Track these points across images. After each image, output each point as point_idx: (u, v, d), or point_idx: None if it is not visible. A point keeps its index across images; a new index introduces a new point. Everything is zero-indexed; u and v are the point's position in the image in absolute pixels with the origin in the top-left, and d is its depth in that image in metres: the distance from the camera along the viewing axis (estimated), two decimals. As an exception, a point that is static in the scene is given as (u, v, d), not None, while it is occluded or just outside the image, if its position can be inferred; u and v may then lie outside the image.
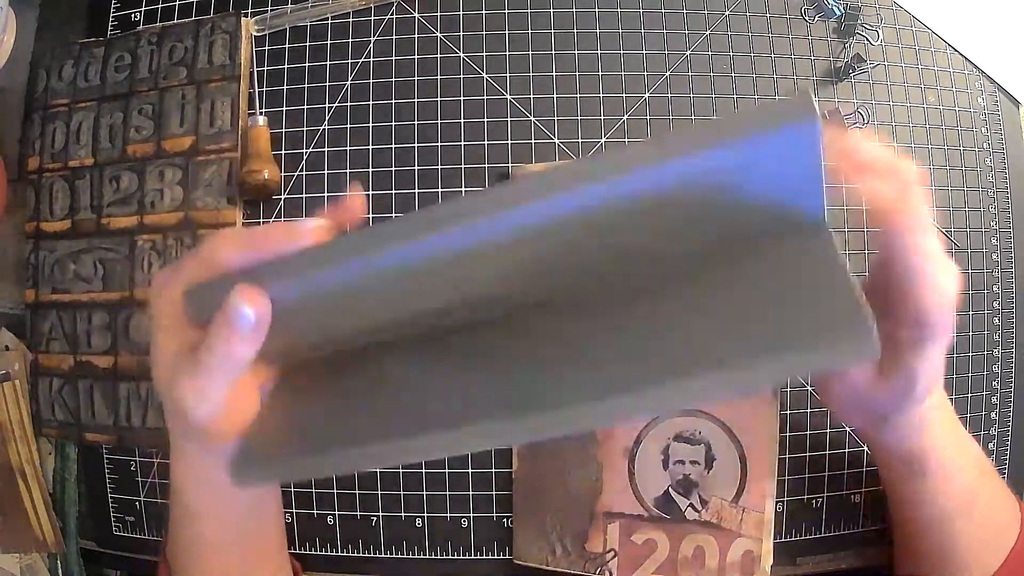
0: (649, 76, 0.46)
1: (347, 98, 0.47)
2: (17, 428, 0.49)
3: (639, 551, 0.44)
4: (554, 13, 0.47)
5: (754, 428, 0.43)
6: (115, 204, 0.48)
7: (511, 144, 0.46)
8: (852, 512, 0.46)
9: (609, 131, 0.46)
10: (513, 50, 0.47)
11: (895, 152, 0.30)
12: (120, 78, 0.49)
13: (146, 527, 0.49)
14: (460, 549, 0.46)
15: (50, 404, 0.49)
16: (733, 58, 0.47)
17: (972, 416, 0.47)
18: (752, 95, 0.46)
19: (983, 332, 0.47)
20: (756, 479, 0.43)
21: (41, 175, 0.50)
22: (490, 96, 0.47)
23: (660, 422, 0.44)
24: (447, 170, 0.46)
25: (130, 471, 0.49)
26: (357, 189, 0.30)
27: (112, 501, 0.50)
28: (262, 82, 0.48)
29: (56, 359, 0.49)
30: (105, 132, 0.49)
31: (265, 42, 0.48)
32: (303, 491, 0.47)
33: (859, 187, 0.29)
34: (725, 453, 0.43)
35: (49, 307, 0.49)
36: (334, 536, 0.47)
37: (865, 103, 0.46)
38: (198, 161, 0.47)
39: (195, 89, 0.47)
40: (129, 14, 0.50)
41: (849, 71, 0.46)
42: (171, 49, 0.48)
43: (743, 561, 0.43)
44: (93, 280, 0.48)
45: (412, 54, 0.47)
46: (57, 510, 0.51)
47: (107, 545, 0.51)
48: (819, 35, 0.47)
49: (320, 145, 0.47)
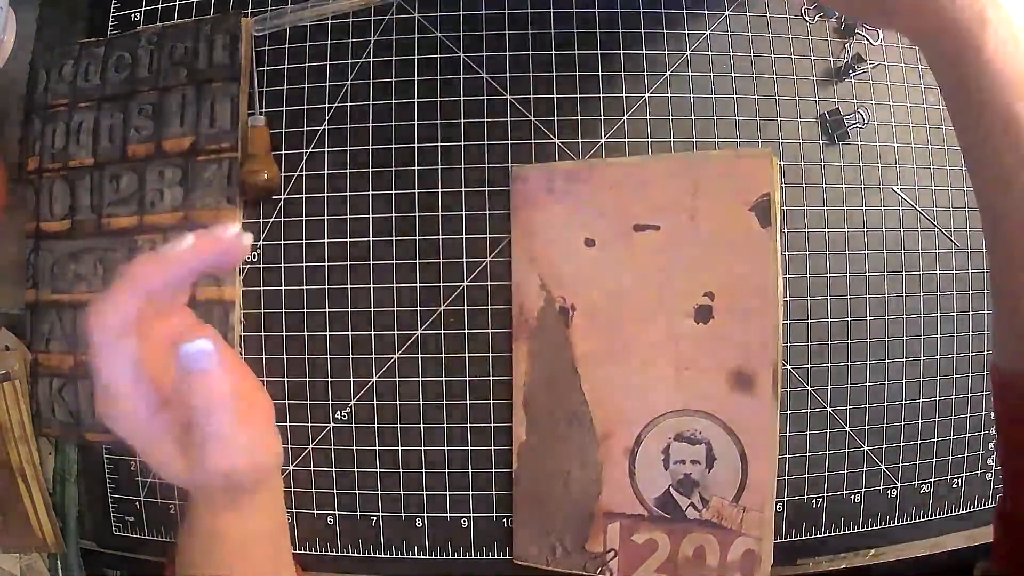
0: (649, 76, 0.46)
1: (347, 98, 0.47)
2: (17, 428, 0.49)
3: (639, 551, 0.44)
4: (554, 13, 0.47)
5: (754, 428, 0.43)
6: (115, 204, 0.48)
7: (511, 144, 0.46)
8: (852, 512, 0.46)
9: (609, 131, 0.46)
10: (513, 50, 0.47)
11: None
12: (120, 78, 0.49)
13: (146, 527, 0.49)
14: (460, 549, 0.46)
15: (50, 404, 0.49)
16: (733, 58, 0.47)
17: (972, 416, 0.47)
18: (752, 95, 0.46)
19: (983, 332, 0.47)
20: (757, 478, 0.43)
21: (41, 175, 0.50)
22: (490, 96, 0.47)
23: (661, 422, 0.44)
24: (447, 170, 0.46)
25: (130, 471, 0.49)
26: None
27: (112, 501, 0.50)
28: (262, 82, 0.48)
29: (56, 359, 0.48)
30: (105, 132, 0.49)
31: (265, 42, 0.48)
32: (303, 491, 0.47)
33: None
34: (726, 453, 0.43)
35: (49, 307, 0.49)
36: (334, 536, 0.47)
37: (865, 103, 0.46)
38: (198, 161, 0.47)
39: (195, 89, 0.47)
40: (129, 14, 0.50)
41: (849, 71, 0.46)
42: (171, 49, 0.48)
43: (744, 560, 0.43)
44: (93, 280, 0.48)
45: (412, 54, 0.47)
46: (57, 510, 0.51)
47: (107, 545, 0.51)
48: (819, 35, 0.47)
49: (320, 145, 0.47)
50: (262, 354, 0.47)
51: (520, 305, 0.45)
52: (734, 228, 0.43)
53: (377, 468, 0.47)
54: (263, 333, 0.47)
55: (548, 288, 0.45)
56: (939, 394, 0.47)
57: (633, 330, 0.44)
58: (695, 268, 0.44)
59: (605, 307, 0.45)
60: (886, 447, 0.46)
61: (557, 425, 0.45)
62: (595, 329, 0.45)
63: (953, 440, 0.47)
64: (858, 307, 0.46)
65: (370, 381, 0.46)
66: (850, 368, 0.46)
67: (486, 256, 0.46)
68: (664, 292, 0.44)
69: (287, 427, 0.47)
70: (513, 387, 0.45)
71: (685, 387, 0.44)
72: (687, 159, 0.45)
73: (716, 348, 0.43)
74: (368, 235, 0.47)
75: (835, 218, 0.46)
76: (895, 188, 0.47)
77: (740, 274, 0.43)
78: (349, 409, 0.47)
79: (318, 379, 0.47)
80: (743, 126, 0.46)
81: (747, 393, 0.43)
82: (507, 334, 0.46)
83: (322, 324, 0.47)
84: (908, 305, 0.46)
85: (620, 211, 0.44)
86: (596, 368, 0.45)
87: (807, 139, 0.46)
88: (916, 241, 0.47)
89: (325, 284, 0.47)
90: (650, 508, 0.44)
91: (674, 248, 0.44)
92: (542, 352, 0.45)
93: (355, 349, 0.47)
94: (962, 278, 0.47)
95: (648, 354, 0.44)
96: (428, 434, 0.46)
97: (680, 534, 0.44)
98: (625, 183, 0.45)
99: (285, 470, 0.47)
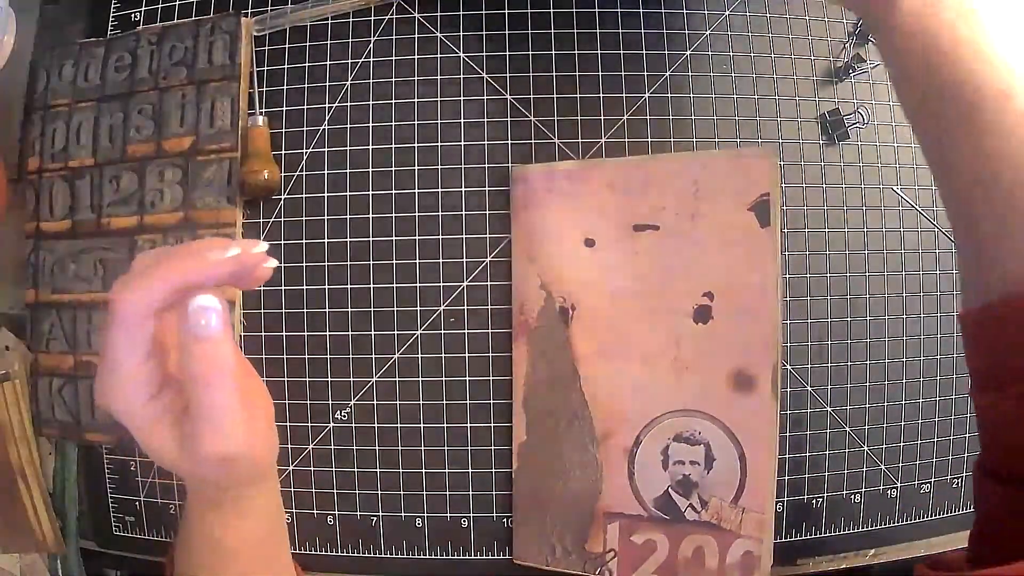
0: (649, 76, 0.46)
1: (347, 98, 0.47)
2: (17, 428, 0.49)
3: (639, 551, 0.44)
4: (554, 13, 0.47)
5: (754, 428, 0.43)
6: (115, 204, 0.48)
7: (511, 144, 0.46)
8: (852, 512, 0.46)
9: (609, 131, 0.46)
10: (513, 50, 0.47)
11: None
12: (120, 78, 0.49)
13: (146, 527, 0.49)
14: (460, 549, 0.46)
15: (50, 404, 0.49)
16: (733, 58, 0.47)
17: (972, 416, 0.47)
18: (752, 95, 0.46)
19: (983, 332, 0.47)
20: (756, 479, 0.43)
21: (41, 175, 0.50)
22: (490, 96, 0.47)
23: (660, 422, 0.44)
24: (447, 170, 0.46)
25: (130, 471, 0.49)
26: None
27: (112, 501, 0.50)
28: (262, 82, 0.48)
29: (56, 359, 0.49)
30: (105, 132, 0.49)
31: (265, 42, 0.48)
32: (303, 491, 0.47)
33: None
34: (725, 453, 0.43)
35: (49, 307, 0.49)
36: (334, 536, 0.47)
37: (865, 103, 0.46)
38: (198, 161, 0.47)
39: (195, 89, 0.47)
40: (129, 14, 0.50)
41: (849, 71, 0.46)
42: (171, 49, 0.48)
43: (743, 561, 0.43)
44: (93, 280, 0.48)
45: (412, 54, 0.47)
46: (57, 510, 0.51)
47: (107, 545, 0.51)
48: (819, 35, 0.47)
49: (320, 145, 0.47)
50: (262, 354, 0.47)
51: (520, 305, 0.45)
52: (734, 228, 0.43)
53: (377, 468, 0.47)
54: (263, 333, 0.47)
55: (548, 288, 0.45)
56: (939, 394, 0.47)
57: (633, 330, 0.44)
58: (695, 268, 0.44)
59: (605, 307, 0.45)
60: (886, 447, 0.46)
61: (557, 425, 0.45)
62: (595, 329, 0.45)
63: (953, 440, 0.47)
64: (858, 307, 0.46)
65: (370, 381, 0.46)
66: (850, 368, 0.46)
67: (486, 256, 0.46)
68: (664, 292, 0.44)
69: (287, 427, 0.47)
70: (513, 387, 0.45)
71: (685, 387, 0.44)
72: (687, 159, 0.45)
73: (716, 348, 0.43)
74: (368, 235, 0.47)
75: (835, 218, 0.46)
76: (895, 188, 0.47)
77: (740, 274, 0.43)
78: (349, 409, 0.47)
79: (318, 379, 0.47)
80: (743, 126, 0.46)
81: (747, 393, 0.43)
82: (507, 334, 0.46)
83: (322, 324, 0.47)
84: (908, 305, 0.46)
85: (620, 211, 0.44)
86: (596, 368, 0.45)
87: (807, 139, 0.46)
88: (916, 241, 0.47)
89: (325, 284, 0.47)
90: (649, 509, 0.44)
91: (674, 248, 0.44)
92: (542, 352, 0.45)
93: (355, 349, 0.47)
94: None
95: (648, 354, 0.44)
96: (428, 434, 0.46)
97: (679, 535, 0.44)
98: (625, 183, 0.45)
99: (285, 470, 0.47)
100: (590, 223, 0.45)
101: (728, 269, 0.43)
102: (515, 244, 0.46)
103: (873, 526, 0.46)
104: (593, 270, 0.45)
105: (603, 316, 0.45)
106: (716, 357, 0.43)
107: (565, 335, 0.45)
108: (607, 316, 0.44)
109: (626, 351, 0.44)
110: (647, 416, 0.44)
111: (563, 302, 0.45)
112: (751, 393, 0.43)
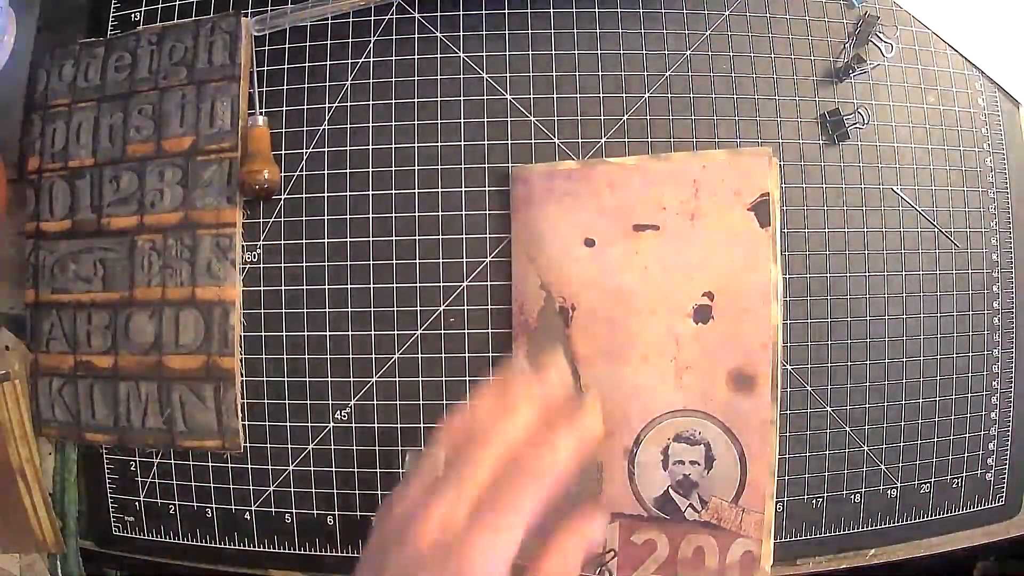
0: (649, 76, 0.46)
1: (347, 98, 0.47)
2: (17, 428, 0.49)
3: (639, 551, 0.44)
4: (554, 13, 0.47)
5: (753, 428, 0.43)
6: (115, 204, 0.48)
7: (511, 144, 0.46)
8: (852, 512, 0.46)
9: (609, 131, 0.46)
10: (513, 50, 0.47)
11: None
12: (120, 78, 0.49)
13: (146, 527, 0.49)
14: (460, 549, 0.46)
15: (50, 404, 0.49)
16: (733, 58, 0.47)
17: (972, 416, 0.47)
18: (752, 95, 0.46)
19: (983, 332, 0.47)
20: (756, 479, 0.43)
21: (41, 175, 0.50)
22: (490, 96, 0.47)
23: (660, 422, 0.44)
24: (447, 170, 0.46)
25: (130, 471, 0.49)
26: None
27: (112, 501, 0.50)
28: (262, 82, 0.48)
29: (56, 359, 0.49)
30: (105, 132, 0.49)
31: (265, 42, 0.48)
32: (303, 491, 0.47)
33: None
34: (725, 453, 0.43)
35: (49, 307, 0.49)
36: (334, 536, 0.47)
37: (865, 103, 0.46)
38: (198, 161, 0.47)
39: (195, 89, 0.47)
40: (129, 14, 0.50)
41: (849, 71, 0.46)
42: (171, 49, 0.48)
43: (743, 561, 0.43)
44: (93, 280, 0.48)
45: (412, 54, 0.47)
46: (57, 510, 0.51)
47: (107, 545, 0.51)
48: (819, 35, 0.47)
49: (320, 145, 0.47)
50: (262, 354, 0.47)
51: (520, 305, 0.45)
52: (734, 228, 0.43)
53: (377, 468, 0.47)
54: (263, 333, 0.47)
55: (548, 288, 0.45)
56: (939, 394, 0.47)
57: (633, 330, 0.44)
58: (695, 268, 0.44)
59: (605, 307, 0.44)
60: (886, 447, 0.46)
61: (557, 425, 0.45)
62: (595, 329, 0.45)
63: (953, 440, 0.47)
64: (858, 307, 0.46)
65: (370, 381, 0.46)
66: (850, 368, 0.46)
67: (486, 256, 0.46)
68: (664, 292, 0.44)
69: (287, 427, 0.47)
70: (513, 387, 0.45)
71: (685, 387, 0.44)
72: (687, 159, 0.45)
73: (716, 348, 0.43)
74: (368, 235, 0.47)
75: (835, 218, 0.46)
76: (895, 188, 0.47)
77: (740, 274, 0.43)
78: (349, 409, 0.47)
79: (318, 379, 0.47)
80: (743, 126, 0.46)
81: (747, 393, 0.43)
82: (507, 334, 0.46)
83: (322, 324, 0.47)
84: (908, 305, 0.46)
85: (620, 211, 0.44)
86: (596, 368, 0.45)
87: (807, 139, 0.46)
88: (916, 241, 0.47)
89: (325, 284, 0.47)
90: (649, 508, 0.44)
91: (674, 248, 0.44)
92: (542, 352, 0.45)
93: (355, 349, 0.47)
94: (962, 278, 0.47)
95: (648, 354, 0.44)
96: (428, 434, 0.46)
97: (679, 535, 0.44)
98: (625, 183, 0.45)
99: (285, 470, 0.47)
100: (590, 223, 0.45)
101: (728, 269, 0.43)
102: (515, 244, 0.46)
103: (873, 526, 0.46)
104: (593, 270, 0.45)
105: (603, 316, 0.45)
106: (716, 357, 0.43)
107: (565, 335, 0.45)
108: (607, 316, 0.44)
109: (626, 351, 0.44)
110: (647, 416, 0.44)
111: (563, 302, 0.45)
112: (751, 393, 0.43)
